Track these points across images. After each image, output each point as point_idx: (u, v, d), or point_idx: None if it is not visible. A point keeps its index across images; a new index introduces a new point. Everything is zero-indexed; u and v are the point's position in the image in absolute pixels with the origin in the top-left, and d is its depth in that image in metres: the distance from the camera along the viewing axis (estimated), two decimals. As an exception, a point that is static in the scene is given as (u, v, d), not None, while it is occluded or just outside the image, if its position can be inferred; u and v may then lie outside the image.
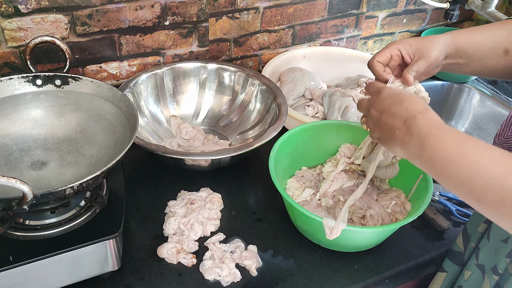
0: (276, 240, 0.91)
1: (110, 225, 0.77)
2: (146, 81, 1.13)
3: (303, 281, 0.84)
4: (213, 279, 0.82)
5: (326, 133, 0.99)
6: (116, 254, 0.78)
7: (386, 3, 1.45)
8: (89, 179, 0.69)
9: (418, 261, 0.90)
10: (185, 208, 0.93)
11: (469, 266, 0.82)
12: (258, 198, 1.01)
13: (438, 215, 0.96)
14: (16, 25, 1.00)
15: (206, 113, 1.20)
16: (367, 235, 0.85)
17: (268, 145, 0.94)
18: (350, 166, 0.95)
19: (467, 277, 0.82)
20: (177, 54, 1.23)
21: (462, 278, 0.83)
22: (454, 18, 1.31)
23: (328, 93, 1.20)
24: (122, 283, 0.81)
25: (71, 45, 1.08)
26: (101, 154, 0.83)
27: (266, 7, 1.27)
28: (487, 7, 1.22)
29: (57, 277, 0.75)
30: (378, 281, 0.86)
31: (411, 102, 0.65)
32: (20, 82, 0.86)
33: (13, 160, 0.81)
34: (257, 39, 1.32)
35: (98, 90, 0.89)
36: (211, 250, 0.86)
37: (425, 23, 1.58)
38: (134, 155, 1.01)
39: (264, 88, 1.14)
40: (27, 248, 0.72)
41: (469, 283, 0.82)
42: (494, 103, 1.37)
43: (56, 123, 0.87)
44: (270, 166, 0.86)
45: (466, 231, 0.84)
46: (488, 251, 0.78)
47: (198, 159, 0.95)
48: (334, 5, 1.36)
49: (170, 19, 1.16)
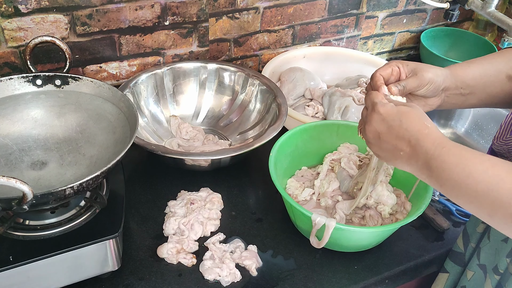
0: (276, 240, 0.91)
1: (110, 225, 0.77)
2: (146, 81, 1.13)
3: (303, 281, 0.84)
4: (213, 279, 0.82)
5: (326, 133, 0.99)
6: (116, 254, 0.78)
7: (386, 3, 1.45)
8: (89, 179, 0.69)
9: (418, 261, 0.90)
10: (185, 208, 0.93)
11: (471, 266, 0.82)
12: (258, 198, 1.01)
13: (438, 215, 0.96)
14: (16, 25, 1.00)
15: (206, 113, 1.20)
16: (367, 235, 0.85)
17: (268, 145, 0.94)
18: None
19: (470, 277, 0.82)
20: (177, 54, 1.23)
21: (464, 278, 0.83)
22: (454, 18, 1.31)
23: (328, 93, 1.20)
24: (122, 283, 0.81)
25: (71, 45, 1.08)
26: (101, 154, 0.83)
27: (266, 7, 1.27)
28: (487, 7, 1.22)
29: (57, 277, 0.75)
30: (378, 281, 0.86)
31: (411, 122, 0.64)
32: (20, 82, 0.86)
33: (13, 160, 0.81)
34: (257, 39, 1.32)
35: (98, 90, 0.89)
36: (211, 250, 0.86)
37: (425, 23, 1.58)
38: (134, 155, 1.01)
39: (264, 88, 1.14)
40: (27, 248, 0.72)
41: (472, 283, 0.82)
42: (494, 103, 1.37)
43: (56, 123, 0.87)
44: (270, 166, 0.86)
45: (466, 231, 0.84)
46: (489, 251, 0.78)
47: (198, 159, 0.95)
48: (334, 5, 1.36)
49: (170, 19, 1.16)
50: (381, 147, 0.68)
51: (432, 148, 0.61)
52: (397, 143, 0.65)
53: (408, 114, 0.65)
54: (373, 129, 0.68)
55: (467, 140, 1.45)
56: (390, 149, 0.66)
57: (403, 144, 0.64)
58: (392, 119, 0.65)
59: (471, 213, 0.61)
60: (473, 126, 1.45)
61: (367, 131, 0.69)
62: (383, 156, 0.69)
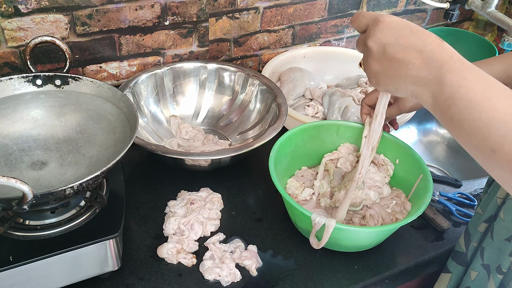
0: (276, 240, 0.91)
1: (110, 225, 0.77)
2: (146, 81, 1.13)
3: (303, 281, 0.84)
4: (213, 279, 0.82)
5: (326, 133, 0.99)
6: (116, 254, 0.78)
7: (386, 3, 1.45)
8: (89, 179, 0.69)
9: (418, 261, 0.90)
10: (185, 208, 0.93)
11: (474, 266, 0.81)
12: (258, 198, 1.01)
13: (438, 215, 0.96)
14: (16, 25, 1.00)
15: (206, 113, 1.20)
16: (367, 235, 0.84)
17: (268, 145, 0.94)
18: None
19: (474, 277, 0.81)
20: (177, 54, 1.23)
21: (468, 278, 0.82)
22: (454, 18, 1.31)
23: (328, 93, 1.20)
24: (122, 283, 0.81)
25: (71, 45, 1.08)
26: (101, 154, 0.83)
27: (266, 7, 1.27)
28: (487, 7, 1.22)
29: (57, 277, 0.75)
30: (378, 281, 0.86)
31: (423, 32, 0.57)
32: (20, 82, 0.86)
33: (13, 160, 0.81)
34: (257, 39, 1.32)
35: (98, 90, 0.89)
36: (211, 250, 0.86)
37: (425, 23, 1.58)
38: (134, 155, 1.02)
39: (264, 88, 1.14)
40: (27, 248, 0.72)
41: (476, 284, 0.81)
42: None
43: (56, 123, 0.87)
44: (270, 166, 0.86)
45: (468, 231, 0.84)
46: (492, 251, 0.77)
47: (198, 159, 0.95)
48: (334, 5, 1.36)
49: (170, 19, 1.16)
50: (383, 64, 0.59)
51: (450, 61, 0.53)
52: (405, 54, 0.56)
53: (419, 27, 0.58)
54: (377, 40, 0.59)
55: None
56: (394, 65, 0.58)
57: (413, 55, 0.56)
58: (402, 28, 0.57)
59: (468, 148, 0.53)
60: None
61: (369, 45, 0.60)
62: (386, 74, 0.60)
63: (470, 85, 0.52)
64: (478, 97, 0.51)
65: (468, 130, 0.52)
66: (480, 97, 0.51)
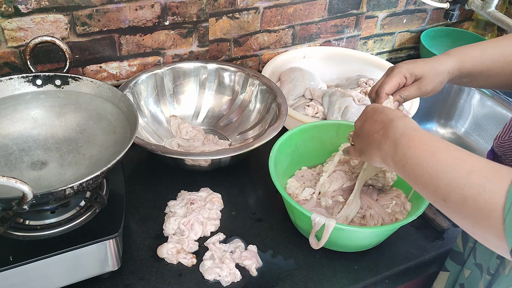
0: (276, 240, 0.91)
1: (110, 225, 0.77)
2: (146, 81, 1.13)
3: (303, 281, 0.84)
4: (213, 279, 0.82)
5: (326, 133, 0.99)
6: (116, 254, 0.78)
7: (386, 3, 1.45)
8: (89, 179, 0.69)
9: (418, 261, 0.90)
10: (185, 208, 0.93)
11: (468, 265, 0.83)
12: (258, 198, 1.01)
13: (438, 215, 0.97)
14: (16, 25, 1.00)
15: (206, 113, 1.20)
16: (367, 235, 0.85)
17: (268, 145, 0.94)
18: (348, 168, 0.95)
19: (467, 275, 0.83)
20: (177, 54, 1.23)
21: (462, 276, 0.84)
22: (454, 18, 1.31)
23: (328, 93, 1.20)
24: (122, 283, 0.81)
25: (71, 45, 1.08)
26: (101, 154, 0.83)
27: (266, 7, 1.27)
28: (487, 7, 1.22)
29: (57, 277, 0.75)
30: (378, 281, 0.86)
31: (392, 110, 0.69)
32: (20, 82, 0.86)
33: (13, 160, 0.81)
34: (257, 39, 1.32)
35: (98, 90, 0.89)
36: (211, 250, 0.86)
37: (425, 23, 1.58)
38: (134, 155, 1.01)
39: (264, 88, 1.14)
40: (27, 248, 0.72)
41: (469, 281, 0.83)
42: (494, 103, 1.37)
43: (56, 123, 0.87)
44: (270, 166, 0.86)
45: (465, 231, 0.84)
46: (483, 251, 0.79)
47: (198, 159, 0.95)
48: (334, 5, 1.36)
49: (170, 19, 1.16)
50: (361, 134, 0.72)
51: (403, 128, 0.64)
52: (374, 126, 0.69)
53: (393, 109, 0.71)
54: (359, 120, 0.74)
55: (467, 140, 1.45)
56: (367, 134, 0.70)
57: (378, 126, 0.68)
58: (378, 111, 0.71)
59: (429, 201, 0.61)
60: (473, 126, 1.45)
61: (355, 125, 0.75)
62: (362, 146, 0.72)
63: (417, 145, 0.61)
64: (425, 154, 0.59)
65: (422, 184, 0.59)
66: (426, 154, 0.59)
